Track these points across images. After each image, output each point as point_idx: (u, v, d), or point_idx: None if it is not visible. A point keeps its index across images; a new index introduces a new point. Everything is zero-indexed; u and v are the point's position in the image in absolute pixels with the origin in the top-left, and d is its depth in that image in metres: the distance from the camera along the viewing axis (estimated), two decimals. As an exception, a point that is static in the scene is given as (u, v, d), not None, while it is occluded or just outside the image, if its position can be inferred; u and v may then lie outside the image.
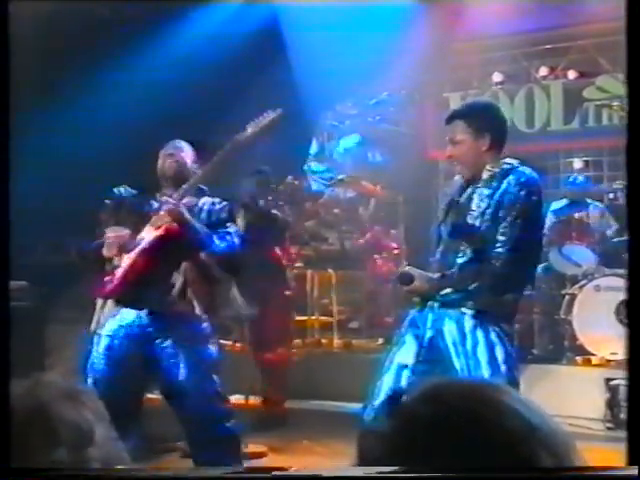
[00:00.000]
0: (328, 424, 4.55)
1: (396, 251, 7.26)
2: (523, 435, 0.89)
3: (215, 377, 3.37)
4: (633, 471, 0.95)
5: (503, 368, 2.98)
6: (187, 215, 3.36)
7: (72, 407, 1.05)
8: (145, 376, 3.44)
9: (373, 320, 6.88)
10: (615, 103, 5.98)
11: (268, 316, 5.38)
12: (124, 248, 3.37)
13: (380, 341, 6.72)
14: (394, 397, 0.94)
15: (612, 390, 4.96)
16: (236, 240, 3.40)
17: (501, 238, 2.98)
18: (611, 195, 6.06)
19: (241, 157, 6.02)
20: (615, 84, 6.43)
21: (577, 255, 5.83)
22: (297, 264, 6.87)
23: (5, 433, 1.01)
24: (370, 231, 7.08)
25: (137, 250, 3.36)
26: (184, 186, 3.38)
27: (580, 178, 6.20)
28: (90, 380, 3.35)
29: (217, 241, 3.36)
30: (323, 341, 6.72)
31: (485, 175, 3.08)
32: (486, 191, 3.05)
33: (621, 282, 5.42)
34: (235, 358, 5.18)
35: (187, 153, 3.50)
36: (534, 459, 0.88)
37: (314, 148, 8.05)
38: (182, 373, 3.31)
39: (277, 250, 5.62)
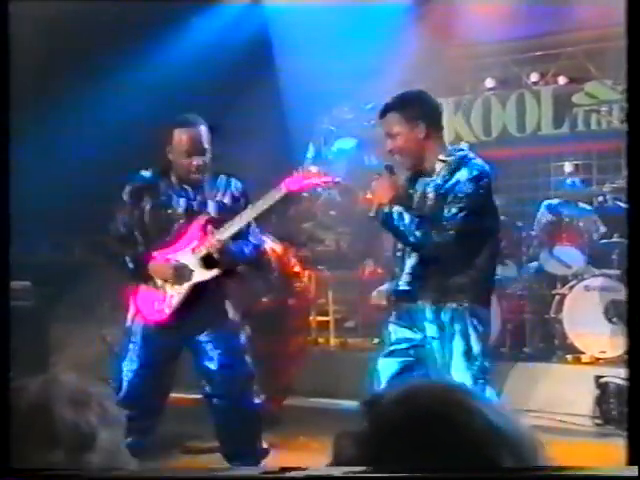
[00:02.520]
0: (324, 421, 4.54)
1: (387, 252, 7.27)
2: (489, 436, 0.90)
3: (247, 359, 3.58)
4: (633, 471, 0.95)
5: (477, 361, 2.95)
6: (231, 252, 3.51)
7: (75, 409, 1.03)
8: (174, 369, 3.59)
9: (368, 319, 6.78)
10: (603, 108, 5.99)
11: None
12: (176, 279, 3.48)
13: (375, 340, 6.54)
14: (369, 400, 0.95)
15: (601, 387, 4.96)
16: (255, 244, 3.64)
17: (447, 226, 2.99)
18: (600, 198, 6.06)
19: (238, 161, 6.00)
20: (603, 90, 6.44)
21: (567, 256, 5.83)
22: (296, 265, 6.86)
23: (5, 433, 1.00)
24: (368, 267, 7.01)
25: (189, 286, 3.49)
26: (221, 229, 3.49)
27: (569, 181, 6.21)
28: (126, 374, 3.49)
29: (246, 251, 3.58)
30: (320, 340, 6.72)
31: (438, 166, 3.05)
32: (439, 181, 3.05)
33: (610, 282, 5.43)
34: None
35: (203, 128, 3.53)
36: (498, 460, 0.89)
37: (311, 152, 7.96)
38: (217, 359, 3.49)
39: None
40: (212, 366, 3.52)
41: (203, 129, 3.53)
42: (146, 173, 3.59)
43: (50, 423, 1.01)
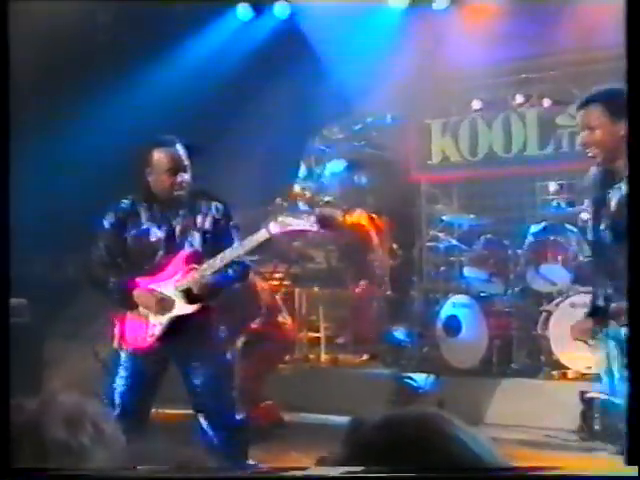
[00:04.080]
0: (316, 436, 4.51)
1: (380, 269, 7.21)
2: (466, 461, 0.93)
3: (232, 376, 3.63)
4: (633, 471, 0.96)
5: None
6: (214, 285, 3.52)
7: (68, 430, 1.03)
8: (159, 385, 3.61)
9: (358, 336, 6.84)
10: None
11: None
12: (159, 309, 3.50)
13: (365, 357, 6.71)
14: (353, 426, 0.97)
15: (587, 402, 4.96)
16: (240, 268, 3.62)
17: None
18: (583, 216, 6.09)
19: (224, 181, 5.94)
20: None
21: (553, 274, 5.84)
22: (285, 282, 6.85)
23: (5, 433, 0.99)
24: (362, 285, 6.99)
25: (170, 316, 3.51)
26: (204, 266, 3.49)
27: (555, 203, 6.23)
28: (113, 395, 3.51)
29: (231, 273, 3.57)
30: (311, 356, 6.71)
31: None
32: None
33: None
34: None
35: (180, 147, 3.56)
36: None
37: (302, 171, 8.04)
38: (202, 379, 3.50)
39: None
40: (198, 382, 3.55)
41: (181, 148, 3.55)
42: (125, 202, 3.59)
43: (43, 444, 1.01)
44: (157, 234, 3.54)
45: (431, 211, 7.25)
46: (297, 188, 7.76)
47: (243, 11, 7.28)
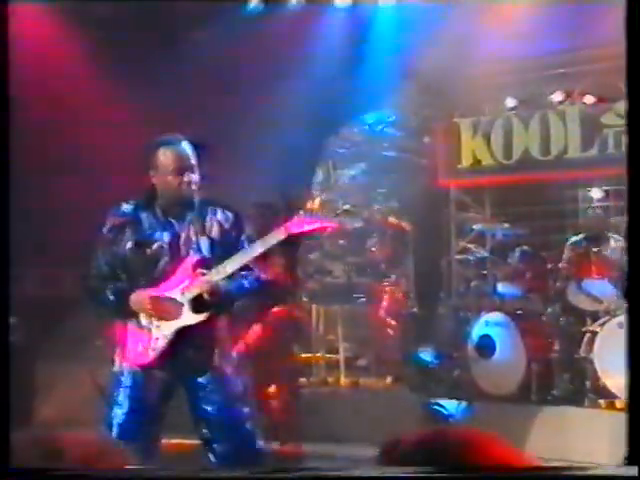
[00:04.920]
0: (334, 469, 4.45)
1: (405, 284, 7.24)
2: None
3: (248, 401, 3.60)
4: (633, 471, 0.96)
5: None
6: (227, 293, 3.52)
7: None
8: (165, 412, 3.58)
9: (381, 358, 6.85)
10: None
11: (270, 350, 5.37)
12: (161, 313, 3.49)
13: (389, 380, 6.69)
14: (391, 444, 1.01)
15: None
16: (256, 278, 3.62)
17: None
18: (632, 226, 5.99)
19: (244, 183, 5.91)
20: (635, 109, 6.38)
21: (597, 290, 5.76)
22: (302, 298, 6.92)
23: (5, 433, 0.93)
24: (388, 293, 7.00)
25: (175, 329, 3.49)
26: (213, 270, 3.49)
27: (599, 211, 6.16)
28: (115, 420, 3.50)
29: (246, 284, 3.58)
30: (329, 380, 6.72)
31: None
32: None
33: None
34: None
35: (187, 145, 3.59)
36: None
37: (319, 176, 8.06)
38: (216, 402, 3.50)
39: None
40: (211, 409, 3.52)
41: (187, 146, 3.58)
42: (127, 206, 3.60)
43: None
44: (161, 240, 3.54)
45: (461, 220, 7.26)
46: (313, 195, 7.74)
47: (254, 4, 7.29)
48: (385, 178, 7.77)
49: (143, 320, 3.52)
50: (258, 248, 3.45)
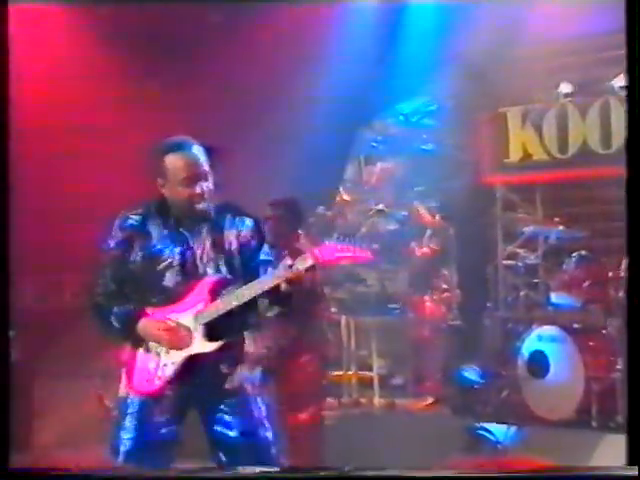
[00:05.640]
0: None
1: (446, 293, 7.21)
2: None
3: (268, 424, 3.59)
4: (633, 471, 1.12)
5: None
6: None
7: None
8: (177, 439, 3.60)
9: (420, 376, 6.86)
10: None
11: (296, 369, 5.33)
12: (172, 342, 3.50)
13: (428, 401, 6.71)
14: None
15: None
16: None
17: None
18: None
19: (265, 181, 5.89)
20: None
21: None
22: (329, 309, 6.91)
23: (5, 433, 0.85)
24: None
25: (185, 357, 3.50)
26: (231, 295, 3.50)
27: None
28: (121, 447, 3.52)
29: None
30: (362, 400, 6.76)
31: None
32: None
33: None
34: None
35: (198, 149, 3.57)
36: None
37: (348, 173, 8.09)
38: (235, 426, 3.53)
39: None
40: (230, 433, 3.54)
41: (199, 150, 3.55)
42: (135, 217, 3.58)
43: None
44: (172, 255, 3.53)
45: (509, 221, 7.15)
46: (343, 194, 7.80)
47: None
48: (423, 175, 7.73)
49: (152, 345, 3.53)
50: (282, 274, 3.39)
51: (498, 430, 5.70)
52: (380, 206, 7.42)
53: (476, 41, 6.70)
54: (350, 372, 6.78)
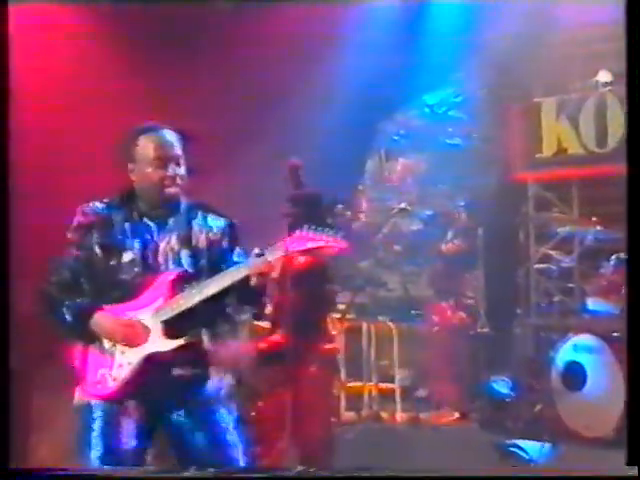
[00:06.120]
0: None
1: (474, 299, 7.19)
2: None
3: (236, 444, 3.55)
4: (633, 471, 1.26)
5: None
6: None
7: None
8: (147, 453, 3.58)
9: (446, 388, 6.77)
10: None
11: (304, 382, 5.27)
12: (127, 338, 3.48)
13: (455, 415, 6.67)
14: None
15: None
16: None
17: None
18: None
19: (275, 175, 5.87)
20: None
21: None
22: (348, 315, 6.89)
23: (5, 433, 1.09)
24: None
25: (143, 357, 3.46)
26: (185, 292, 3.48)
27: None
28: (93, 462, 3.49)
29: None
30: (383, 414, 6.67)
31: None
32: None
33: None
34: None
35: (170, 133, 3.63)
36: None
37: (368, 169, 8.03)
38: (197, 441, 3.50)
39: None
40: (198, 446, 3.52)
41: (170, 134, 3.61)
42: (98, 205, 3.59)
43: None
44: (133, 248, 3.54)
45: (542, 221, 7.11)
46: (362, 192, 7.79)
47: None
48: (449, 171, 7.67)
49: (106, 343, 3.49)
50: (250, 265, 3.40)
51: (530, 447, 5.65)
52: (403, 205, 7.37)
53: (506, 26, 6.67)
54: (370, 383, 6.71)
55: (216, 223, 3.59)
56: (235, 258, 3.54)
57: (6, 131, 3.63)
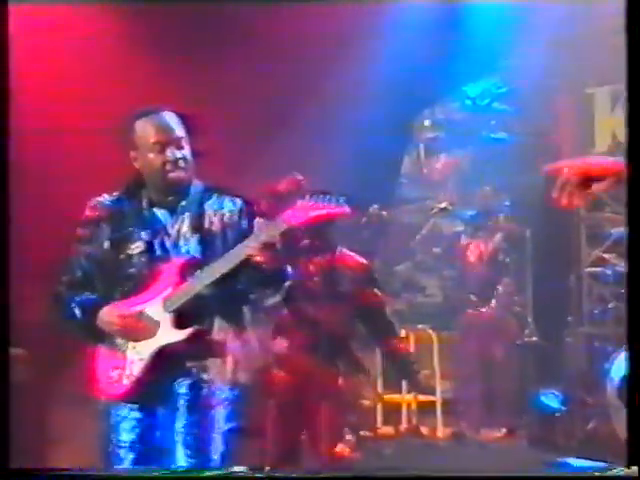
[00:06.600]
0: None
1: (518, 308, 7.12)
2: None
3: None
4: (633, 471, 1.28)
5: None
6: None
7: None
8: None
9: (491, 401, 6.76)
10: None
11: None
12: (135, 333, 3.49)
13: (502, 431, 6.65)
14: None
15: None
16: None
17: None
18: None
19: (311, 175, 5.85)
20: None
21: None
22: None
23: (5, 433, 1.23)
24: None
25: (155, 349, 3.46)
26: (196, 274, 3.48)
27: None
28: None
29: None
30: (423, 429, 6.71)
31: None
32: None
33: None
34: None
35: (170, 114, 3.63)
36: None
37: (406, 166, 8.00)
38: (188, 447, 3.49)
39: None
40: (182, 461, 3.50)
41: (170, 116, 3.59)
42: (107, 197, 3.61)
43: None
44: (144, 239, 3.54)
45: (595, 222, 7.05)
46: (399, 191, 7.80)
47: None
48: (493, 167, 7.64)
49: (118, 341, 3.50)
50: (252, 244, 3.35)
51: (583, 466, 5.61)
52: (443, 204, 7.31)
53: (555, 10, 6.60)
54: (409, 395, 6.69)
55: (232, 204, 3.57)
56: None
57: (6, 131, 3.69)
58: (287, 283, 3.56)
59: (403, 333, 6.89)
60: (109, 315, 3.46)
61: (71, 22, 6.66)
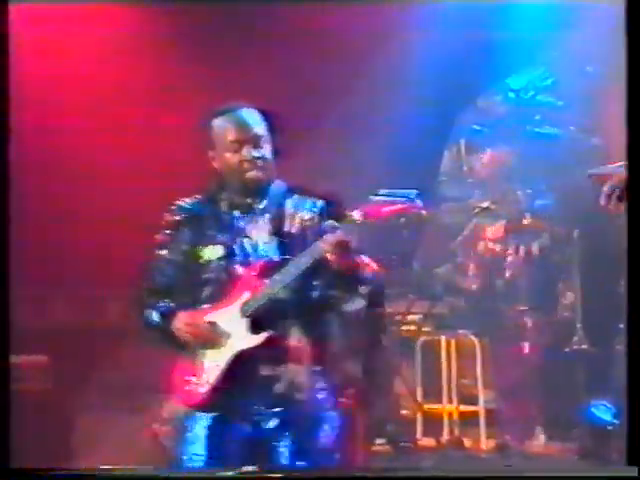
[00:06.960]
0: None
1: (565, 312, 7.10)
2: None
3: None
4: (633, 471, 1.57)
5: None
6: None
7: None
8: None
9: (539, 412, 6.74)
10: None
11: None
12: (212, 342, 3.53)
13: (550, 443, 6.66)
14: None
15: None
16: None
17: None
18: None
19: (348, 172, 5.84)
20: None
21: None
22: (425, 327, 7.00)
23: (5, 433, 1.37)
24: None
25: (231, 356, 3.50)
26: (274, 277, 3.51)
27: None
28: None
29: None
30: (465, 440, 6.67)
31: None
32: None
33: None
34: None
35: (249, 111, 3.65)
36: None
37: (446, 163, 8.00)
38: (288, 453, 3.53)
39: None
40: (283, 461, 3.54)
41: (249, 113, 3.61)
42: (187, 202, 3.66)
43: None
44: (223, 243, 3.59)
45: None
46: (438, 189, 7.80)
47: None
48: (539, 164, 7.60)
49: (197, 348, 3.56)
50: (328, 240, 3.36)
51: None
52: (486, 204, 7.19)
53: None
54: (451, 405, 6.72)
55: (313, 205, 3.58)
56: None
57: (6, 131, 3.81)
58: (367, 287, 3.55)
59: (443, 339, 6.98)
60: (182, 322, 3.52)
61: (75, 20, 6.76)
